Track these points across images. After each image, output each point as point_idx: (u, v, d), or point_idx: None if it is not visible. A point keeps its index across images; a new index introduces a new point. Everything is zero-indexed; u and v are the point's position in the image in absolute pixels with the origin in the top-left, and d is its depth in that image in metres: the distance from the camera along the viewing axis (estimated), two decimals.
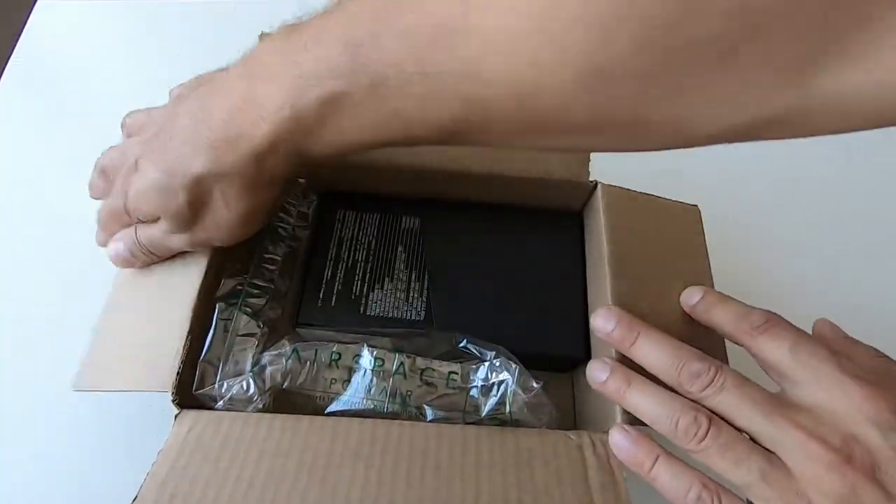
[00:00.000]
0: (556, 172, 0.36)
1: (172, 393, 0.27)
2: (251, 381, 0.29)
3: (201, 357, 0.29)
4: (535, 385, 0.30)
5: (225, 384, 0.29)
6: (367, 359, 0.31)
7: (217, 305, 0.31)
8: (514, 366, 0.31)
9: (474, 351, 0.32)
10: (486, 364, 0.31)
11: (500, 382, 0.31)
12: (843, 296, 0.42)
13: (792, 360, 0.24)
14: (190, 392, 0.28)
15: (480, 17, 0.20)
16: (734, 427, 0.24)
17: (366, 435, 0.27)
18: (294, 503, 0.25)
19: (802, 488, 0.22)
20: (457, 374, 0.31)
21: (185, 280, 0.30)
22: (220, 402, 0.29)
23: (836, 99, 0.18)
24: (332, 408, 0.30)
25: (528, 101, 0.21)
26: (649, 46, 0.18)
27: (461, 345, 0.32)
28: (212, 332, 0.30)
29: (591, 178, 0.36)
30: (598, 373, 0.28)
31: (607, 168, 0.36)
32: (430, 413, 0.30)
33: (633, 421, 0.27)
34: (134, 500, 0.24)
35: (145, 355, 0.28)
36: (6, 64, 0.50)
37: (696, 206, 0.35)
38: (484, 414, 0.30)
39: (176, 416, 0.27)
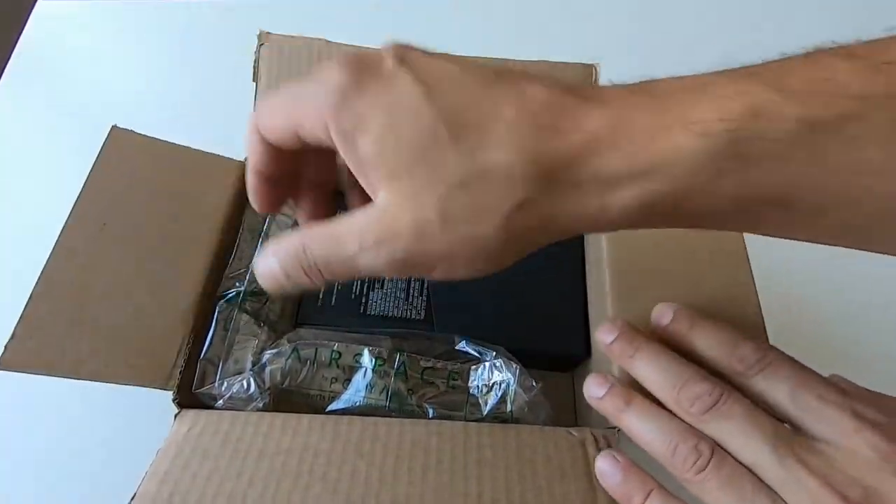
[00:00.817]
0: None
1: (174, 392, 0.27)
2: (251, 379, 0.29)
3: (201, 356, 0.29)
4: (534, 385, 0.31)
5: (225, 383, 0.29)
6: (367, 358, 0.31)
7: (217, 305, 0.31)
8: (514, 366, 0.31)
9: (474, 352, 0.32)
10: (487, 364, 0.31)
11: (501, 382, 0.31)
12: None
13: (796, 406, 0.22)
14: (190, 391, 0.28)
15: None
16: (737, 461, 0.21)
17: (367, 433, 0.27)
18: (295, 501, 0.24)
19: None
20: (457, 373, 0.31)
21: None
22: (221, 401, 0.29)
23: None
24: (333, 406, 0.30)
25: None
26: None
27: (461, 346, 0.32)
28: (212, 330, 0.30)
29: None
30: (595, 388, 0.25)
31: None
32: (431, 411, 0.30)
33: None
34: (133, 497, 0.24)
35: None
36: (6, 64, 0.50)
37: None
38: (485, 412, 0.30)
39: (176, 416, 0.27)
